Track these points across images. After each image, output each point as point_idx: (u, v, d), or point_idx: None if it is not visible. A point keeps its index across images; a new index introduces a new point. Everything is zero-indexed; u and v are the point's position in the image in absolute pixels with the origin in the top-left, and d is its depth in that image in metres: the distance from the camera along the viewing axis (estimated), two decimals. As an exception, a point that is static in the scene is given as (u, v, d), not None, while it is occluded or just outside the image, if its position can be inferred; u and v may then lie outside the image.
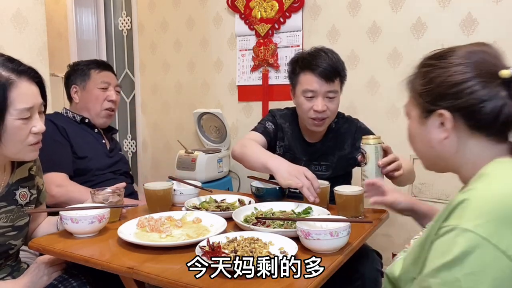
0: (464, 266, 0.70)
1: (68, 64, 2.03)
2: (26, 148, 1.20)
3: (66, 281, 1.22)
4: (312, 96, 1.64)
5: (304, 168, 1.48)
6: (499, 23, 2.09)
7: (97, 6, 3.84)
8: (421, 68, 0.91)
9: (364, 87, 2.41)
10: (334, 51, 1.71)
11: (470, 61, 0.83)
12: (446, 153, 0.88)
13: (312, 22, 2.57)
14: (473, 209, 0.73)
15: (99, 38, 3.89)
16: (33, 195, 1.36)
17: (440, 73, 0.85)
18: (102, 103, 1.94)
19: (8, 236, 1.26)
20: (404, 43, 2.30)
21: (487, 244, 0.69)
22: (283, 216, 1.32)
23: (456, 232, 0.72)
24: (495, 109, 0.80)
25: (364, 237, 1.21)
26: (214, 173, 2.69)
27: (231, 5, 2.79)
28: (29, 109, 1.17)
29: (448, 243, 0.73)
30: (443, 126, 0.86)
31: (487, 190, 0.76)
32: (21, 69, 1.18)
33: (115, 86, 2.00)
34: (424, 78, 0.89)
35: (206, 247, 1.02)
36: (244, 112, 2.87)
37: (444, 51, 0.89)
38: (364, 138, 1.45)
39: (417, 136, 0.93)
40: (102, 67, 1.98)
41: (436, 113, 0.86)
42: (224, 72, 2.92)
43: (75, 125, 1.92)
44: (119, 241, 1.14)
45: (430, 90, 0.87)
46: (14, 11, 2.14)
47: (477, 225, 0.70)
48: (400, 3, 2.30)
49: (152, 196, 1.44)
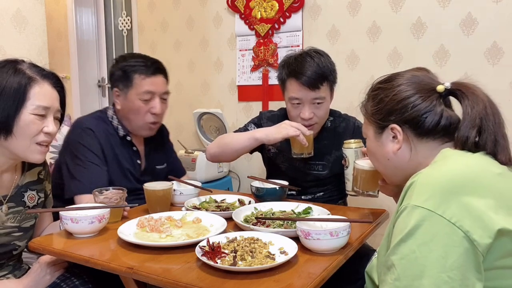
0: (417, 237, 0.78)
1: (115, 58, 1.76)
2: (34, 147, 1.22)
3: (69, 279, 1.23)
4: (298, 103, 1.62)
5: (287, 121, 1.59)
6: (499, 23, 2.09)
7: (97, 6, 3.85)
8: (371, 92, 1.07)
9: (364, 87, 2.41)
10: (323, 53, 1.66)
11: (411, 81, 0.99)
12: (401, 162, 1.00)
13: (312, 22, 2.57)
14: (420, 188, 0.83)
15: (99, 38, 3.90)
16: (41, 198, 1.39)
17: (387, 94, 1.00)
18: (144, 116, 1.66)
19: (14, 237, 1.28)
20: (404, 43, 2.30)
21: (434, 215, 0.78)
22: (283, 216, 1.32)
23: (408, 210, 0.81)
24: (436, 117, 0.95)
25: (364, 237, 1.21)
26: (214, 173, 2.69)
27: (231, 5, 2.79)
28: (45, 109, 1.22)
29: (404, 221, 0.81)
30: (396, 138, 0.99)
31: (431, 171, 0.87)
32: (45, 73, 1.26)
33: (162, 94, 1.69)
34: (374, 100, 1.04)
35: (206, 247, 1.02)
36: (244, 112, 2.87)
37: (389, 76, 1.05)
38: (345, 142, 1.49)
39: (376, 152, 1.05)
40: (150, 72, 1.65)
41: (388, 128, 0.99)
42: (224, 72, 2.92)
43: (116, 137, 1.69)
44: (119, 241, 1.14)
45: (380, 109, 1.01)
46: (14, 11, 2.14)
47: (424, 200, 0.80)
48: (400, 3, 2.30)
49: (152, 196, 1.44)
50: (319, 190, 1.77)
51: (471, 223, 0.76)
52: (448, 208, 0.77)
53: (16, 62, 1.23)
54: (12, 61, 1.23)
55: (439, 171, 0.86)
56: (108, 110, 1.74)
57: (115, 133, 1.69)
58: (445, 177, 0.83)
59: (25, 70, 1.21)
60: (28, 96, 1.19)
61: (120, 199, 1.35)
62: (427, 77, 1.01)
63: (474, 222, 0.76)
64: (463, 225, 0.76)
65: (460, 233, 0.75)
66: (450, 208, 0.77)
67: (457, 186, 0.80)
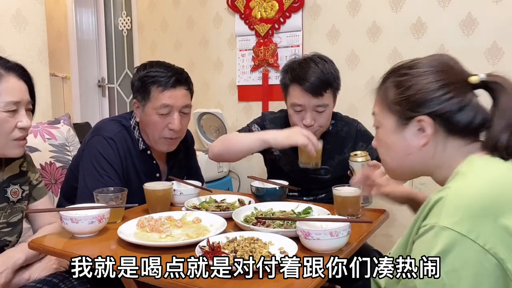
0: (446, 263, 0.71)
1: (136, 66, 1.63)
2: (11, 143, 1.21)
3: (67, 279, 1.22)
4: (300, 110, 1.60)
5: (298, 127, 1.55)
6: (499, 23, 2.09)
7: (97, 6, 3.85)
8: (392, 78, 0.94)
9: (364, 87, 2.41)
10: (328, 59, 1.64)
11: (443, 70, 0.87)
12: (423, 159, 0.89)
13: (312, 22, 2.57)
14: (449, 206, 0.74)
15: (99, 38, 3.90)
16: (25, 191, 1.37)
17: (417, 81, 0.87)
18: (162, 131, 1.55)
19: (3, 233, 1.29)
20: (404, 43, 2.30)
21: (466, 240, 0.70)
22: (283, 216, 1.32)
23: (435, 231, 0.73)
24: (471, 112, 0.84)
25: (364, 237, 1.21)
26: (214, 173, 2.69)
27: (231, 5, 2.79)
28: (16, 103, 1.19)
29: (429, 242, 0.74)
30: (423, 132, 0.87)
31: (462, 187, 0.78)
32: (9, 65, 1.20)
33: (182, 108, 1.56)
34: (400, 87, 0.90)
35: (206, 247, 1.02)
36: (244, 112, 2.87)
37: (412, 62, 0.93)
38: (352, 155, 1.44)
39: (393, 146, 0.93)
40: (169, 84, 1.52)
41: (415, 120, 0.87)
42: (224, 72, 2.92)
43: (136, 149, 1.62)
44: (119, 241, 1.14)
45: (408, 97, 0.88)
46: (14, 11, 2.14)
47: (454, 222, 0.72)
48: (400, 3, 2.30)
49: (151, 196, 1.43)
50: (321, 192, 1.77)
51: (505, 250, 0.70)
52: (482, 232, 0.70)
53: None
54: None
55: (471, 188, 0.77)
56: (132, 118, 1.65)
57: (136, 145, 1.62)
58: (478, 195, 0.75)
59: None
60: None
61: (121, 200, 1.35)
62: (455, 64, 0.90)
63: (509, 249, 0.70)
64: (497, 253, 0.69)
65: (493, 260, 0.69)
66: (484, 232, 0.70)
67: (491, 206, 0.73)
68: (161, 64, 1.59)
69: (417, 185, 2.26)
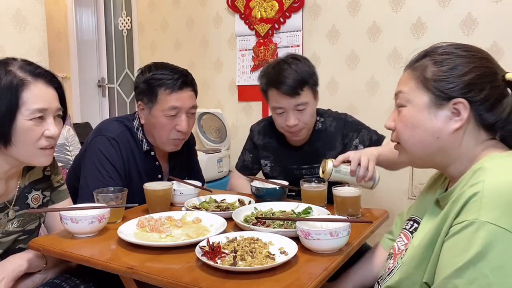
0: (490, 260, 0.68)
1: (139, 68, 1.63)
2: (38, 152, 1.16)
3: (69, 279, 1.22)
4: (282, 112, 1.62)
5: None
6: (499, 23, 2.09)
7: (97, 6, 3.85)
8: (435, 55, 0.88)
9: (364, 87, 2.41)
10: (301, 58, 1.65)
11: (489, 57, 0.85)
12: (450, 145, 0.86)
13: (312, 22, 2.57)
14: (488, 201, 0.71)
15: (99, 38, 3.90)
16: (46, 197, 1.34)
17: (466, 62, 0.84)
18: (169, 132, 1.56)
19: (19, 241, 1.26)
20: (404, 43, 2.30)
21: (510, 235, 0.68)
22: (283, 216, 1.32)
23: (476, 226, 0.70)
24: (502, 109, 0.83)
25: (364, 237, 1.21)
26: (214, 173, 2.69)
27: (231, 5, 2.79)
28: (43, 111, 1.14)
29: (468, 239, 0.71)
30: (457, 116, 0.84)
31: (497, 182, 0.75)
32: (37, 71, 1.16)
33: (190, 108, 1.58)
34: (444, 65, 0.85)
35: (206, 247, 1.02)
36: (244, 112, 2.87)
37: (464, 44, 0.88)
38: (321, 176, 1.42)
39: (422, 125, 0.88)
40: (176, 86, 1.53)
41: (452, 102, 0.84)
42: (224, 72, 2.92)
43: (139, 150, 1.62)
44: (119, 241, 1.14)
45: (453, 77, 0.84)
46: (14, 11, 2.14)
47: (496, 217, 0.69)
48: (400, 3, 2.31)
49: (152, 196, 1.43)
50: None
51: None
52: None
53: (6, 64, 1.14)
54: (2, 62, 1.15)
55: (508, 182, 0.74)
56: (135, 120, 1.65)
57: (139, 146, 1.62)
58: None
59: (15, 72, 1.12)
60: (22, 101, 1.10)
61: (121, 200, 1.35)
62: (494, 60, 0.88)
63: None
64: None
65: None
66: None
67: None
68: (166, 66, 1.60)
69: (417, 184, 2.26)
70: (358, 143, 1.70)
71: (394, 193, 2.33)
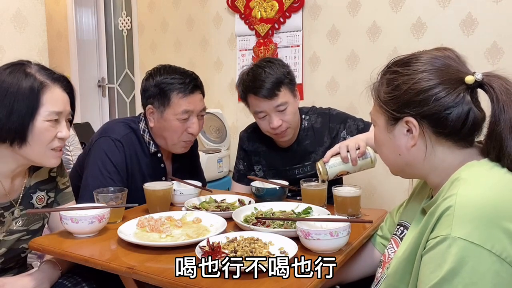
0: (463, 276, 0.68)
1: (147, 71, 1.64)
2: (49, 152, 1.20)
3: (72, 278, 1.22)
4: (264, 115, 1.63)
5: None
6: (499, 23, 2.09)
7: (97, 6, 3.85)
8: (385, 76, 0.91)
9: (364, 87, 2.41)
10: (274, 59, 1.67)
11: (434, 68, 0.84)
12: (415, 160, 0.88)
13: (312, 22, 2.57)
14: (460, 216, 0.71)
15: (99, 38, 3.90)
16: (51, 198, 1.36)
17: (405, 80, 0.85)
18: (181, 135, 1.58)
19: (22, 240, 1.27)
20: (404, 43, 2.30)
21: (481, 250, 0.68)
22: (283, 216, 1.32)
23: (449, 242, 0.71)
24: (461, 115, 0.81)
25: (364, 237, 1.21)
26: (214, 173, 2.70)
27: (231, 5, 2.79)
28: (58, 114, 1.19)
29: (442, 254, 0.71)
30: (411, 133, 0.86)
31: (470, 195, 0.74)
32: (55, 76, 1.21)
33: (200, 111, 1.63)
34: (389, 86, 0.89)
35: (206, 247, 1.02)
36: (244, 112, 2.87)
37: (408, 58, 0.89)
38: (323, 179, 1.43)
39: (385, 144, 0.93)
40: (188, 90, 1.56)
41: (403, 121, 0.86)
42: (224, 72, 2.92)
43: (144, 153, 1.62)
44: (119, 241, 1.14)
45: (396, 97, 0.87)
46: (14, 11, 2.14)
47: (467, 232, 0.69)
48: (400, 3, 2.31)
49: (151, 196, 1.43)
50: None
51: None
52: (496, 241, 0.68)
53: (23, 66, 1.18)
54: (19, 64, 1.19)
55: (480, 195, 0.74)
56: (141, 122, 1.65)
57: (145, 148, 1.62)
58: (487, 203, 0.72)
59: (35, 74, 1.17)
60: (41, 103, 1.15)
61: (121, 200, 1.35)
62: (454, 62, 0.85)
63: None
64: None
65: (510, 270, 0.68)
66: (499, 241, 0.68)
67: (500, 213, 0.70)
68: (176, 69, 1.62)
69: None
70: (346, 135, 1.71)
71: (394, 193, 2.33)
